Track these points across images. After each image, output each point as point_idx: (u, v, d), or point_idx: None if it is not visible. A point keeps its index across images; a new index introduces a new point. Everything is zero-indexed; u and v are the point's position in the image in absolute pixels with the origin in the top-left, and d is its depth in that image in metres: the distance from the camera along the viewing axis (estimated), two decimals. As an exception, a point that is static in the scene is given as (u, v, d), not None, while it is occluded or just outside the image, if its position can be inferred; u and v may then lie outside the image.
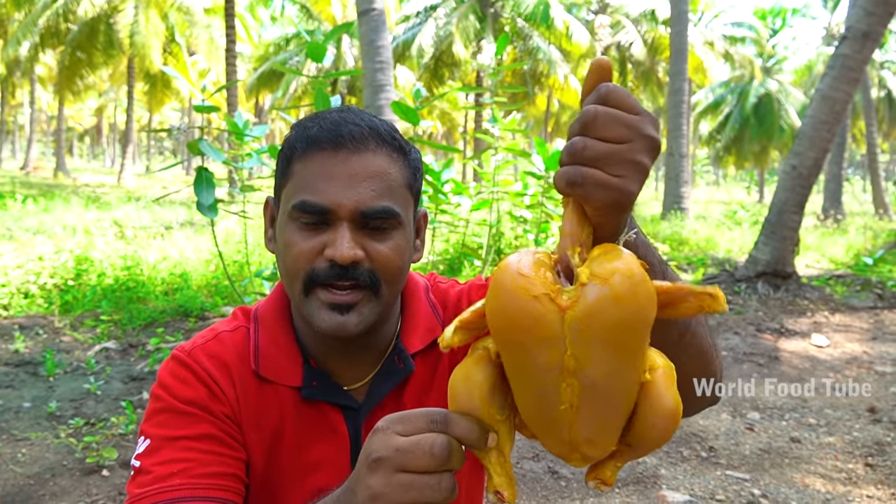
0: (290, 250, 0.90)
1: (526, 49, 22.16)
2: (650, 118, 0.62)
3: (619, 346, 0.58)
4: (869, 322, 6.40)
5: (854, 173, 49.93)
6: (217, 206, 3.87)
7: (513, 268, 0.59)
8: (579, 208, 0.63)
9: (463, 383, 0.64)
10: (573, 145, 0.61)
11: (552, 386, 0.59)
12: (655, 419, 0.61)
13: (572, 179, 0.60)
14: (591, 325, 0.57)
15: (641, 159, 0.61)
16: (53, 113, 41.94)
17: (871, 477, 3.21)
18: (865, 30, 6.77)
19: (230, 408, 0.94)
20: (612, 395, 0.60)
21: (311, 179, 0.89)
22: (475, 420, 0.64)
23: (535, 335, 0.58)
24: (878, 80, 27.64)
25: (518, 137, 5.99)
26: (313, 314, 0.90)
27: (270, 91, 25.80)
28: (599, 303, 0.56)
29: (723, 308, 0.61)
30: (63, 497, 2.79)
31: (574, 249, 0.62)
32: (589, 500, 2.95)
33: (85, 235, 8.38)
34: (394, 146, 0.93)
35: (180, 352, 0.96)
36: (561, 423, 0.61)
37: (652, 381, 0.61)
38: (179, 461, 0.85)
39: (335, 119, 0.91)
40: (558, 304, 0.57)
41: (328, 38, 3.84)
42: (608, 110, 0.60)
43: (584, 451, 0.63)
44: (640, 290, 0.57)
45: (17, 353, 4.61)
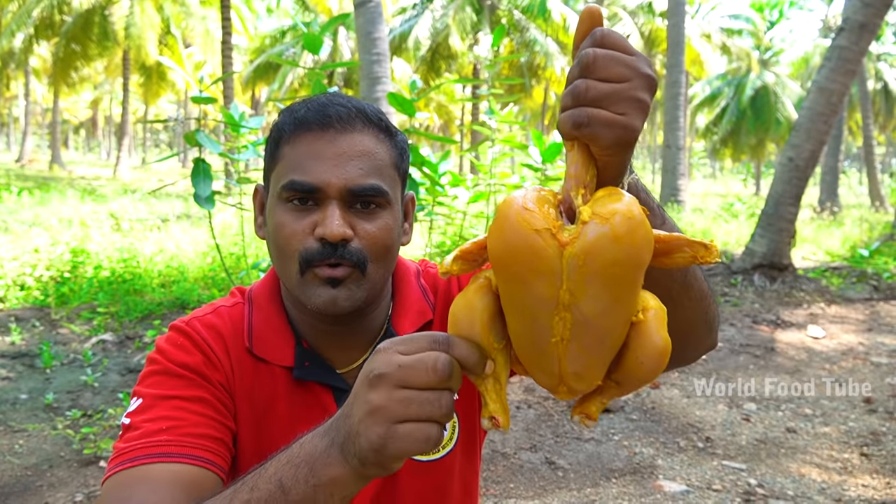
0: (282, 231, 0.90)
1: (523, 41, 22.10)
2: (645, 58, 0.63)
3: (614, 284, 0.59)
4: (865, 313, 6.43)
5: (850, 166, 50.02)
6: (214, 197, 3.86)
7: (518, 202, 0.61)
8: (584, 150, 0.64)
9: (465, 310, 0.66)
10: (576, 87, 0.62)
11: (545, 318, 0.61)
12: (644, 357, 0.63)
13: (578, 120, 0.61)
14: (589, 261, 0.58)
15: (642, 96, 0.62)
16: (48, 105, 41.72)
17: (866, 466, 3.22)
18: (862, 21, 6.76)
19: (224, 376, 0.95)
20: (602, 331, 0.61)
21: (300, 160, 0.90)
22: (476, 345, 0.65)
23: (533, 267, 0.59)
24: (874, 72, 27.64)
25: (515, 130, 5.98)
26: (308, 292, 0.91)
27: (267, 83, 25.71)
28: (599, 240, 0.58)
29: (716, 258, 0.63)
30: (61, 488, 2.79)
31: (578, 191, 0.63)
32: (586, 489, 2.96)
33: (81, 228, 8.36)
34: (380, 127, 0.94)
35: (179, 322, 0.98)
36: (551, 356, 0.63)
37: (644, 320, 0.63)
38: (169, 419, 0.85)
39: (322, 101, 0.93)
40: (558, 240, 0.59)
41: (325, 29, 3.82)
42: (606, 52, 0.61)
43: (570, 384, 0.65)
44: (638, 232, 0.59)
45: (13, 345, 4.61)
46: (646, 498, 2.87)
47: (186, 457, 0.82)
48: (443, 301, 1.06)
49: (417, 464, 1.01)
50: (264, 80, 25.03)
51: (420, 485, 1.01)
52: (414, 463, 1.00)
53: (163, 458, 0.81)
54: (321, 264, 0.89)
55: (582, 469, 3.16)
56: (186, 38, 24.63)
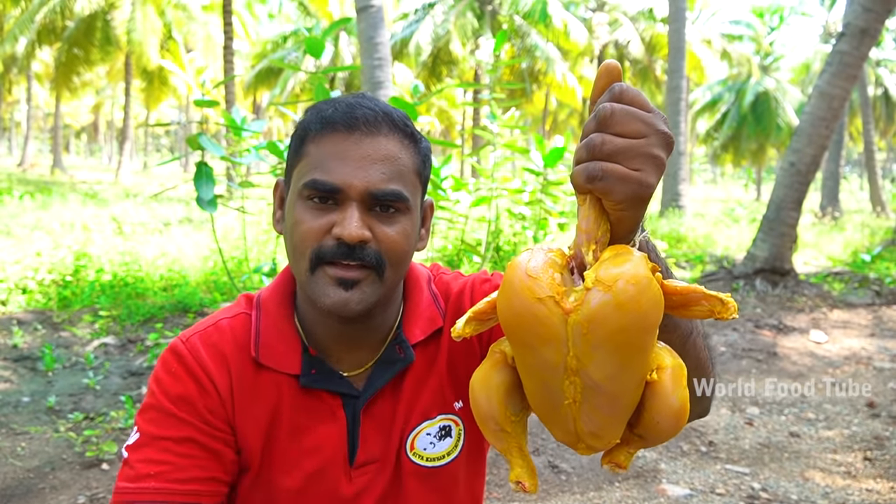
0: (299, 227, 0.91)
1: (524, 47, 22.15)
2: (661, 115, 0.63)
3: (620, 350, 0.59)
4: (867, 318, 6.42)
5: (851, 171, 50.03)
6: (216, 201, 3.86)
7: (521, 268, 0.61)
8: (597, 205, 0.63)
9: (482, 387, 0.67)
10: (591, 141, 0.61)
11: (556, 382, 0.61)
12: (659, 418, 0.63)
13: (593, 174, 0.61)
14: (593, 329, 0.58)
15: (658, 153, 0.62)
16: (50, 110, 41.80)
17: (870, 471, 3.21)
18: (863, 26, 6.78)
19: (219, 400, 0.96)
20: (613, 395, 0.61)
21: (324, 159, 0.90)
22: (528, 462, 0.69)
23: (539, 335, 0.60)
24: (875, 78, 27.67)
25: (516, 134, 5.99)
26: (318, 291, 0.91)
27: (268, 88, 25.77)
28: (601, 309, 0.58)
29: (732, 315, 0.62)
30: (63, 490, 2.78)
31: (589, 247, 0.63)
32: (589, 493, 2.96)
33: (83, 231, 8.37)
34: (405, 132, 0.94)
35: (179, 340, 0.99)
36: (566, 417, 0.64)
37: (658, 381, 0.62)
38: (157, 463, 0.90)
39: (350, 102, 0.93)
40: (562, 307, 0.59)
41: (326, 33, 3.83)
42: (623, 107, 0.61)
43: (588, 442, 0.65)
44: (644, 296, 0.58)
45: (15, 348, 4.60)
46: (649, 502, 2.86)
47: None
48: (454, 308, 1.06)
49: (423, 469, 1.01)
50: (266, 85, 25.09)
51: (425, 490, 1.01)
52: (419, 468, 1.01)
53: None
54: (334, 263, 0.90)
55: (585, 473, 3.15)
56: (188, 43, 24.69)
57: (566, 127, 35.19)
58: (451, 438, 1.03)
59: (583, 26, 22.67)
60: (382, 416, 1.00)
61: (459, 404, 1.04)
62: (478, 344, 1.04)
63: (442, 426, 1.02)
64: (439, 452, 1.02)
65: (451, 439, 1.03)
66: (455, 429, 1.03)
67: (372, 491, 1.00)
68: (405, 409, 1.01)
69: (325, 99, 0.98)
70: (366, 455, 0.99)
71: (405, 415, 1.01)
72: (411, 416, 1.01)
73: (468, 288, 1.06)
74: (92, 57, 22.69)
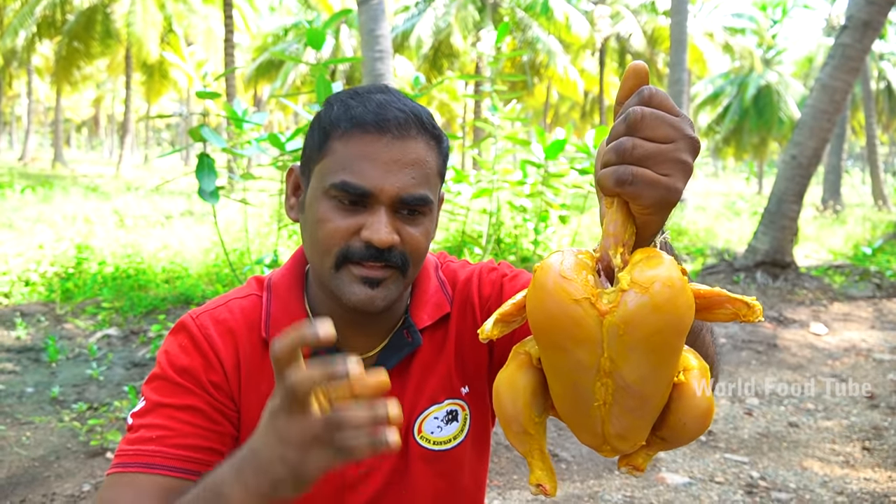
0: (324, 226, 0.91)
1: (525, 40, 22.09)
2: (689, 120, 0.63)
3: (655, 351, 0.59)
4: (867, 311, 6.43)
5: (853, 165, 49.92)
6: (218, 192, 3.88)
7: (555, 269, 0.61)
8: (624, 208, 0.63)
9: (508, 389, 0.68)
10: (622, 144, 0.61)
11: (587, 384, 0.62)
12: (686, 419, 0.64)
13: (623, 178, 0.61)
14: (629, 331, 0.58)
15: (686, 158, 0.62)
16: (51, 104, 41.76)
17: (868, 460, 3.24)
18: (866, 19, 6.76)
19: (224, 376, 0.97)
20: (644, 396, 0.62)
21: (353, 160, 0.90)
22: (548, 465, 0.69)
23: (573, 336, 0.60)
24: (877, 71, 27.59)
25: (518, 127, 5.99)
26: (343, 288, 0.92)
27: (269, 81, 25.70)
28: (638, 311, 0.58)
29: (758, 318, 0.63)
30: (68, 479, 2.81)
31: (616, 250, 0.63)
32: (589, 481, 2.98)
33: (85, 224, 8.39)
34: (432, 134, 0.95)
35: (189, 316, 1.00)
36: (594, 419, 0.64)
37: (685, 382, 0.63)
38: (161, 428, 0.92)
39: (380, 101, 0.93)
40: (598, 309, 0.59)
41: (327, 25, 3.84)
42: (654, 111, 0.61)
43: (614, 445, 0.66)
44: (679, 299, 0.59)
45: (19, 340, 4.63)
46: (648, 489, 2.88)
47: (169, 469, 0.89)
48: (461, 295, 1.07)
49: (430, 452, 1.02)
50: (266, 77, 25.02)
51: (431, 473, 1.03)
52: (426, 451, 1.02)
53: (149, 469, 0.89)
54: (360, 263, 0.91)
55: (585, 462, 3.17)
56: (188, 36, 24.64)
57: (567, 120, 35.13)
58: (458, 423, 1.04)
59: (584, 19, 22.60)
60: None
61: (466, 389, 1.05)
62: None
63: (449, 410, 1.04)
64: (446, 436, 1.03)
65: (457, 424, 1.04)
66: (462, 413, 1.05)
67: (378, 473, 1.01)
68: (413, 393, 1.02)
69: (326, 94, 0.99)
70: None
71: (413, 398, 1.02)
72: (419, 399, 1.02)
73: (475, 276, 1.08)
74: (92, 50, 22.66)
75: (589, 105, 32.67)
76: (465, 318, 1.06)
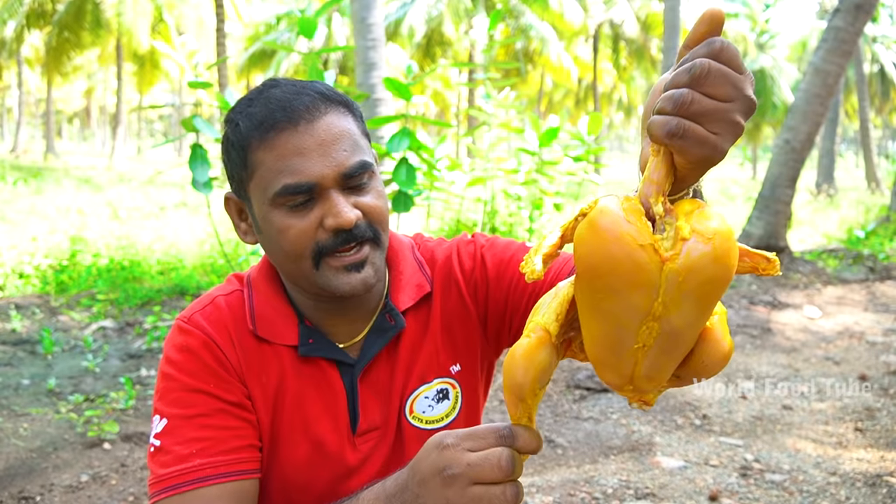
0: (287, 234, 0.91)
1: (518, 27, 21.99)
2: (751, 79, 0.62)
3: (706, 300, 0.62)
4: (861, 294, 6.47)
5: (847, 148, 49.99)
6: (212, 183, 3.87)
7: (618, 213, 0.62)
8: (669, 159, 0.63)
9: (524, 362, 0.69)
10: (681, 96, 0.59)
11: (633, 327, 0.63)
12: (708, 360, 0.67)
13: (673, 131, 0.60)
14: (689, 278, 0.60)
15: (739, 119, 0.61)
16: (42, 95, 41.45)
17: (860, 441, 3.27)
18: (858, 2, 6.75)
19: (234, 369, 0.97)
20: (685, 341, 0.65)
21: (283, 161, 0.89)
22: (535, 433, 0.72)
23: (633, 281, 0.61)
24: (870, 54, 27.57)
25: (512, 115, 5.98)
26: (330, 282, 0.93)
27: (261, 71, 25.54)
28: (700, 260, 0.60)
29: (776, 271, 0.65)
30: (66, 469, 2.82)
31: (658, 198, 0.64)
32: (585, 465, 3.00)
33: (78, 216, 8.36)
34: (339, 101, 0.95)
35: (181, 321, 1.00)
36: (628, 360, 0.66)
37: (711, 326, 0.66)
38: (198, 440, 0.90)
39: (277, 96, 0.92)
40: (660, 255, 0.60)
41: (319, 13, 3.82)
42: (721, 67, 0.59)
43: (639, 385, 0.68)
44: (734, 252, 0.61)
45: (14, 333, 4.62)
46: (644, 473, 2.91)
47: (223, 476, 0.89)
48: (441, 273, 1.07)
49: (423, 432, 1.03)
50: (259, 67, 24.86)
51: None
52: (419, 431, 1.03)
53: (202, 483, 0.88)
54: (336, 252, 0.92)
55: (581, 447, 3.20)
56: (179, 25, 24.45)
57: (561, 107, 35.03)
58: (449, 401, 1.06)
59: (578, 6, 22.51)
60: (380, 382, 1.03)
61: (457, 367, 1.06)
62: (473, 307, 1.07)
63: (439, 389, 1.05)
64: (438, 415, 1.04)
65: (448, 402, 1.06)
66: (453, 391, 1.06)
67: (376, 458, 1.02)
68: (402, 375, 1.03)
69: (242, 102, 0.95)
70: (367, 422, 1.02)
71: (403, 380, 1.03)
72: (409, 380, 1.03)
73: (454, 253, 1.09)
74: (82, 40, 22.45)
75: (583, 92, 32.59)
76: (450, 295, 1.06)
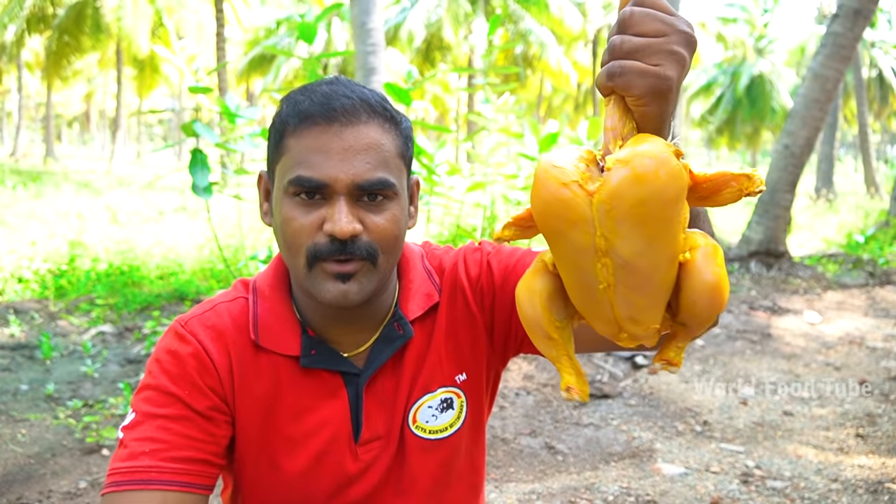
0: (290, 225, 0.91)
1: (517, 31, 22.04)
2: (684, 19, 0.64)
3: (644, 223, 0.61)
4: (861, 299, 6.47)
5: (846, 153, 50.07)
6: (212, 188, 3.87)
7: (547, 160, 0.64)
8: (620, 103, 0.65)
9: (525, 292, 0.70)
10: (612, 42, 0.63)
11: (588, 266, 0.64)
12: (695, 296, 0.64)
13: (612, 71, 0.63)
14: (615, 205, 0.60)
15: (677, 49, 0.63)
16: (41, 99, 41.48)
17: (861, 447, 3.26)
18: (857, 7, 6.77)
19: (219, 380, 0.97)
20: (644, 272, 0.63)
21: (306, 154, 0.89)
22: (577, 373, 0.71)
23: (566, 218, 0.62)
24: (869, 59, 27.64)
25: (511, 119, 5.98)
26: (317, 286, 0.92)
27: (261, 75, 25.59)
28: (621, 184, 0.60)
29: (760, 185, 0.63)
30: (64, 475, 2.81)
31: (616, 143, 0.64)
32: (585, 472, 2.99)
33: (77, 220, 8.35)
34: (385, 116, 0.94)
35: (178, 323, 0.99)
36: (603, 303, 0.66)
37: (691, 259, 0.64)
38: (153, 440, 0.90)
39: (325, 92, 0.92)
40: (586, 190, 0.61)
41: (319, 18, 3.82)
42: (643, 9, 0.63)
43: (629, 330, 0.67)
44: (661, 169, 0.60)
45: (12, 337, 4.61)
46: (644, 480, 2.90)
47: (167, 483, 0.88)
48: (449, 282, 1.07)
49: (426, 442, 1.03)
50: (259, 71, 24.91)
51: (429, 462, 1.03)
52: (422, 441, 1.02)
53: (146, 486, 0.87)
54: (329, 259, 0.90)
55: (581, 453, 3.18)
56: (179, 30, 24.49)
57: (561, 112, 35.09)
58: (454, 411, 1.05)
59: (577, 11, 22.57)
60: (384, 392, 1.02)
61: (462, 377, 1.05)
62: (479, 315, 1.06)
63: (443, 399, 1.04)
64: (441, 425, 1.04)
65: (452, 411, 1.05)
66: (457, 401, 1.05)
67: (377, 467, 1.01)
68: (407, 384, 1.02)
69: (300, 87, 0.97)
70: (370, 432, 1.01)
71: (407, 389, 1.02)
72: (413, 390, 1.03)
73: (461, 260, 1.08)
74: (82, 45, 22.49)
75: (582, 97, 32.65)
76: (456, 304, 1.06)
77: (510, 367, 4.14)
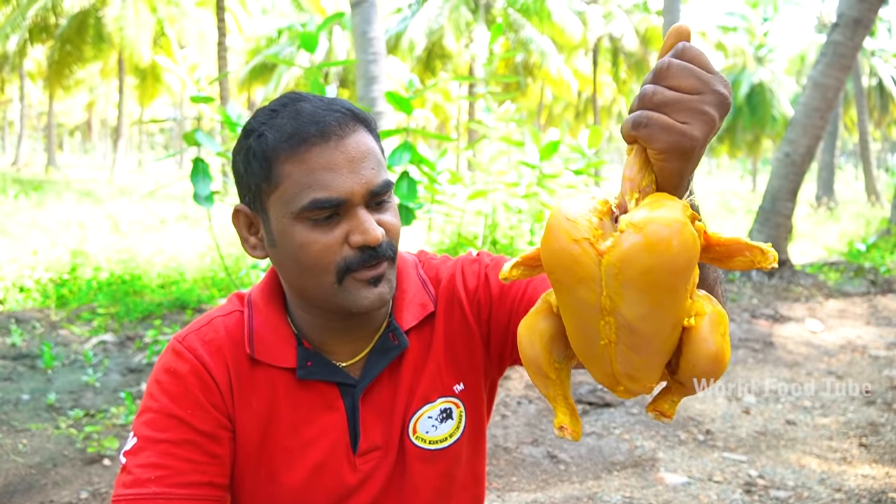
0: (310, 249, 0.90)
1: (518, 40, 22.12)
2: (723, 78, 0.63)
3: (651, 290, 0.61)
4: (862, 307, 6.46)
5: (846, 161, 50.12)
6: (213, 196, 3.87)
7: (561, 212, 0.64)
8: (642, 154, 0.64)
9: (527, 332, 0.71)
10: (644, 91, 0.62)
11: (591, 322, 0.64)
12: (695, 361, 0.65)
13: (638, 121, 0.62)
14: (623, 269, 0.60)
15: (708, 110, 0.62)
16: (43, 108, 41.61)
17: (865, 456, 3.25)
18: (856, 16, 6.79)
19: (220, 396, 0.97)
20: (646, 336, 0.63)
21: (313, 176, 0.89)
22: (572, 414, 0.72)
23: (573, 274, 0.63)
24: (869, 68, 27.71)
25: (512, 128, 6.00)
26: (351, 297, 0.93)
27: (262, 84, 25.68)
28: (631, 250, 0.59)
29: (773, 263, 0.63)
30: (65, 486, 2.80)
31: (632, 195, 0.64)
32: (588, 482, 2.98)
33: (79, 229, 8.36)
34: (364, 121, 0.95)
35: (175, 340, 0.99)
36: (603, 357, 0.67)
37: (695, 326, 0.64)
38: (158, 467, 0.90)
39: (307, 110, 0.91)
40: (597, 249, 0.61)
41: (321, 28, 3.83)
42: (682, 62, 0.62)
43: (626, 385, 0.68)
44: (675, 239, 0.59)
45: (14, 347, 4.61)
46: (647, 489, 2.89)
47: None
48: (445, 292, 1.07)
49: (426, 452, 1.03)
50: (260, 80, 25.00)
51: (430, 472, 1.03)
52: (423, 451, 1.02)
53: None
54: (361, 268, 0.92)
55: (584, 462, 3.17)
56: (181, 39, 24.59)
57: (561, 120, 35.17)
58: (453, 421, 1.05)
59: (578, 20, 22.64)
60: (381, 402, 1.02)
61: (460, 387, 1.06)
62: (476, 326, 1.06)
63: (443, 409, 1.04)
64: (441, 435, 1.04)
65: (452, 421, 1.05)
66: (456, 411, 1.05)
67: (376, 478, 1.01)
68: (405, 395, 1.02)
69: (264, 112, 0.94)
70: (368, 442, 1.01)
71: (406, 400, 1.02)
72: (412, 400, 1.03)
73: (458, 271, 1.08)
74: (84, 54, 22.59)
75: (583, 105, 32.72)
76: (453, 315, 1.06)
77: (512, 376, 4.13)
